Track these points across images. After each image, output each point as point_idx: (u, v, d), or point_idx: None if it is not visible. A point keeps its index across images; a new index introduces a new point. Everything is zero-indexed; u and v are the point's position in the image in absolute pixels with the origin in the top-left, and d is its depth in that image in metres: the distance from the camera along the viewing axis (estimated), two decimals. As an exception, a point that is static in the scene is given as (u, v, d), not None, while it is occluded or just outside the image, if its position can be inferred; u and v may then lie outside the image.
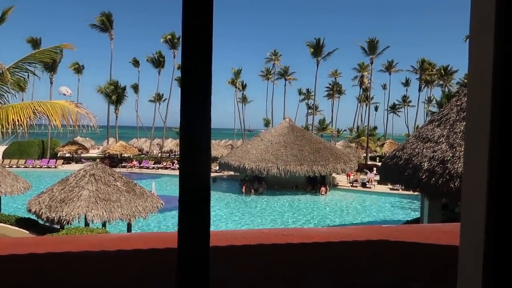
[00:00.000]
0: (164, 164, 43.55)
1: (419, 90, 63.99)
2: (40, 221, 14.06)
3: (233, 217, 22.28)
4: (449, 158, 10.95)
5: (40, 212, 13.20)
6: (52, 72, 48.07)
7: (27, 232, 14.64)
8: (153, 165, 43.10)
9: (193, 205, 0.95)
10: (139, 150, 53.40)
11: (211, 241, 1.03)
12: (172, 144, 53.04)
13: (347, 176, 34.00)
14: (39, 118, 8.54)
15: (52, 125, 8.25)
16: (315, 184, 30.28)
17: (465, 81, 43.27)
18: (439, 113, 13.41)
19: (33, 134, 41.01)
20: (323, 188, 29.10)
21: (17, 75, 8.96)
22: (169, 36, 50.89)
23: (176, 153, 50.95)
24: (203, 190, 0.95)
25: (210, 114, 0.94)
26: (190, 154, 0.95)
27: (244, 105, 78.77)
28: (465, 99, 12.26)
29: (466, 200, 1.10)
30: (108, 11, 49.92)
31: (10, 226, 15.35)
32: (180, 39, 1.00)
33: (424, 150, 11.87)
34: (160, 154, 51.70)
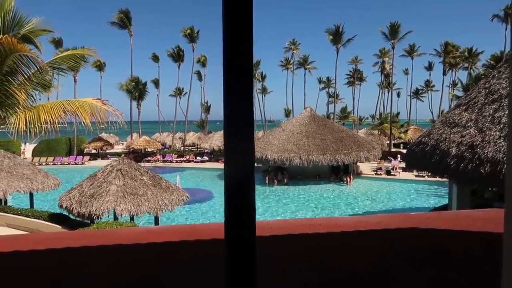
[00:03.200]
0: (187, 158, 44.00)
1: (443, 74, 62.12)
2: (71, 216, 14.50)
3: (258, 208, 22.31)
4: (478, 143, 10.62)
5: (71, 208, 13.60)
6: (76, 71, 49.17)
7: (60, 227, 15.16)
8: (177, 159, 43.59)
9: (239, 196, 0.96)
10: (162, 144, 54.16)
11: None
12: (194, 137, 53.60)
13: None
14: (69, 117, 8.78)
15: (83, 123, 8.47)
16: (338, 173, 30.04)
17: (492, 62, 41.62)
18: (466, 97, 13.00)
19: (61, 132, 42.20)
20: (348, 178, 28.83)
21: (46, 76, 9.21)
22: (188, 31, 51.13)
23: (198, 146, 51.48)
24: (248, 181, 0.95)
25: (253, 101, 0.94)
26: (235, 144, 0.96)
27: (264, 96, 78.71)
28: (494, 81, 11.84)
29: (511, 183, 1.05)
30: (126, 8, 50.50)
31: (43, 222, 15.95)
32: (222, 19, 0.99)
33: (452, 135, 11.55)
34: (182, 147, 52.34)
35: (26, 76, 8.58)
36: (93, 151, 48.90)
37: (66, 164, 41.62)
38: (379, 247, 2.97)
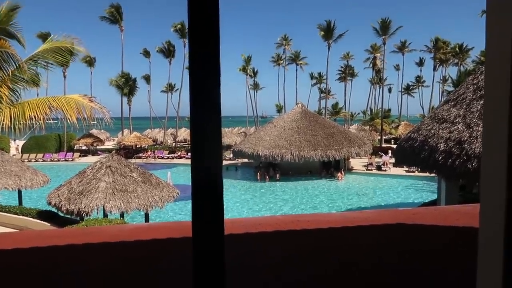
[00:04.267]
0: (179, 154, 43.83)
1: (434, 69, 62.69)
2: (60, 214, 14.39)
3: (249, 204, 22.43)
4: (466, 138, 10.76)
5: (60, 205, 13.49)
6: (65, 67, 48.57)
7: (48, 224, 15.04)
8: (168, 155, 43.41)
9: (206, 193, 0.95)
10: (153, 141, 53.89)
11: (227, 229, 1.03)
12: (185, 133, 53.40)
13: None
14: (55, 113, 8.68)
15: (68, 120, 8.38)
16: (330, 168, 30.20)
17: (482, 58, 42.18)
18: (455, 93, 13.14)
19: (49, 128, 41.74)
20: (339, 174, 28.99)
21: (32, 70, 9.09)
22: (179, 26, 50.77)
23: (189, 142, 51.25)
24: (215, 179, 0.95)
25: (220, 101, 0.94)
26: (201, 142, 0.96)
27: (256, 92, 78.58)
28: (482, 77, 11.98)
29: (486, 179, 1.08)
30: (117, 3, 49.96)
31: (31, 219, 15.80)
32: (187, 26, 0.98)
33: (440, 131, 11.68)
34: (174, 143, 52.13)
35: (6, 73, 8.44)
36: (84, 148, 48.45)
37: (56, 161, 41.21)
38: (366, 243, 3.00)
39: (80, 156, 43.21)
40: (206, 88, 0.91)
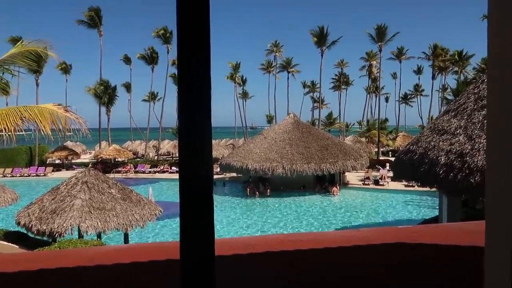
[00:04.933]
0: (161, 168, 43.61)
1: (433, 78, 63.79)
2: (30, 234, 14.10)
3: (237, 222, 22.28)
4: (467, 151, 10.91)
5: (30, 225, 13.23)
6: (38, 73, 48.21)
7: (17, 246, 14.71)
8: (150, 169, 43.17)
9: (195, 211, 0.94)
10: (134, 154, 53.53)
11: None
12: (169, 145, 53.14)
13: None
14: (27, 124, 8.57)
15: (42, 131, 8.28)
16: (324, 183, 30.26)
17: (483, 66, 43.08)
18: (455, 103, 13.36)
19: (21, 141, 41.16)
20: (334, 189, 29.06)
21: None
22: (161, 31, 50.98)
23: (174, 155, 51.02)
24: (205, 196, 0.94)
25: (210, 112, 0.94)
26: (190, 157, 0.95)
27: (245, 101, 78.90)
28: (483, 86, 12.22)
29: (491, 195, 1.08)
30: (96, 5, 50.07)
31: (-2, 241, 15.42)
32: (176, 34, 0.98)
33: (441, 143, 11.83)
34: (156, 157, 51.79)
35: None
36: (57, 161, 47.86)
37: (26, 176, 40.61)
38: (364, 265, 3.00)
39: (53, 170, 42.63)
40: (197, 94, 0.91)
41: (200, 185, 0.91)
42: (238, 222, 22.23)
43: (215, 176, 36.65)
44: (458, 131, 11.65)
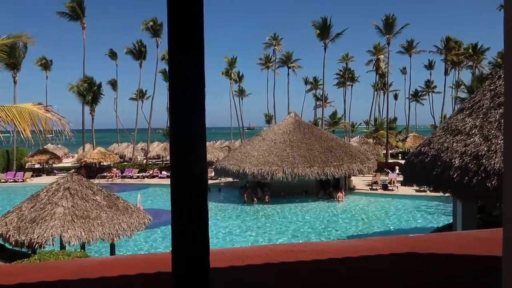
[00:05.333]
0: (151, 172, 43.58)
1: (445, 73, 63.97)
2: (8, 245, 14.07)
3: (234, 231, 22.26)
4: (484, 152, 10.94)
5: (8, 235, 13.20)
6: (15, 70, 48.13)
7: (-7, 258, 14.65)
8: (138, 174, 43.14)
9: (188, 219, 0.94)
10: (121, 157, 53.45)
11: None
12: (159, 148, 53.09)
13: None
14: (4, 126, 8.56)
15: (21, 134, 8.27)
16: (328, 188, 30.27)
17: (499, 60, 43.23)
18: (469, 100, 13.41)
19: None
20: (339, 194, 29.08)
21: None
22: (150, 23, 50.98)
23: (164, 159, 50.97)
24: (199, 201, 0.94)
25: (204, 111, 0.94)
26: (183, 159, 0.95)
27: (242, 99, 78.89)
28: (500, 82, 12.26)
29: (509, 200, 1.09)
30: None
31: (-27, 253, 15.36)
32: (166, 28, 0.99)
33: (454, 144, 11.86)
34: (145, 160, 51.71)
35: None
36: (37, 166, 47.74)
37: (3, 182, 40.51)
38: (372, 276, 3.00)
39: (32, 176, 42.53)
40: (190, 92, 0.91)
41: (193, 191, 0.91)
42: (234, 231, 22.20)
43: (210, 181, 36.59)
44: (473, 131, 11.68)
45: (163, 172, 42.21)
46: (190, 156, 0.92)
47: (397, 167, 35.84)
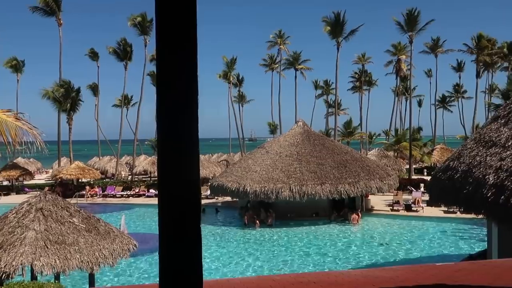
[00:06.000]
0: (137, 190, 43.59)
1: (477, 76, 64.18)
2: (-29, 275, 14.03)
3: (233, 258, 22.18)
4: (522, 167, 10.90)
5: (-29, 263, 13.16)
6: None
7: (-47, 291, 14.61)
8: (122, 192, 43.19)
9: (179, 246, 0.94)
10: (102, 173, 53.57)
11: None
12: (146, 162, 53.20)
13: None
14: None
15: None
16: (342, 209, 30.18)
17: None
18: (505, 107, 13.41)
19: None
20: (354, 216, 28.99)
21: None
22: (138, 19, 51.37)
23: (152, 174, 51.00)
24: (191, 224, 0.94)
25: (197, 119, 0.94)
26: (172, 176, 0.95)
27: (242, 106, 79.25)
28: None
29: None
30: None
31: None
32: (154, 26, 0.99)
33: (488, 158, 11.82)
34: (130, 176, 51.76)
35: None
36: (5, 183, 47.86)
37: (-34, 202, 40.57)
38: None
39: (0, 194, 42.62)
40: (180, 97, 0.91)
41: (185, 212, 0.91)
42: (233, 258, 22.11)
43: (205, 201, 36.54)
44: (510, 143, 11.65)
45: (151, 191, 42.20)
46: (181, 170, 0.92)
47: (422, 185, 35.77)
